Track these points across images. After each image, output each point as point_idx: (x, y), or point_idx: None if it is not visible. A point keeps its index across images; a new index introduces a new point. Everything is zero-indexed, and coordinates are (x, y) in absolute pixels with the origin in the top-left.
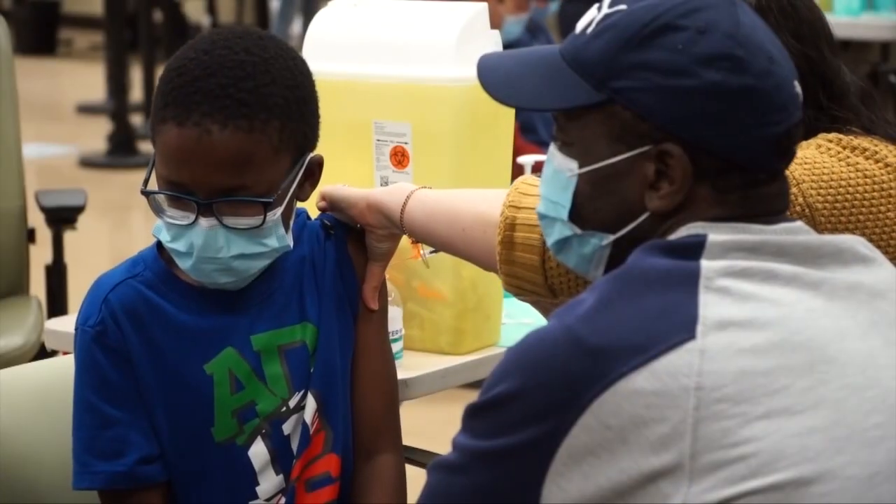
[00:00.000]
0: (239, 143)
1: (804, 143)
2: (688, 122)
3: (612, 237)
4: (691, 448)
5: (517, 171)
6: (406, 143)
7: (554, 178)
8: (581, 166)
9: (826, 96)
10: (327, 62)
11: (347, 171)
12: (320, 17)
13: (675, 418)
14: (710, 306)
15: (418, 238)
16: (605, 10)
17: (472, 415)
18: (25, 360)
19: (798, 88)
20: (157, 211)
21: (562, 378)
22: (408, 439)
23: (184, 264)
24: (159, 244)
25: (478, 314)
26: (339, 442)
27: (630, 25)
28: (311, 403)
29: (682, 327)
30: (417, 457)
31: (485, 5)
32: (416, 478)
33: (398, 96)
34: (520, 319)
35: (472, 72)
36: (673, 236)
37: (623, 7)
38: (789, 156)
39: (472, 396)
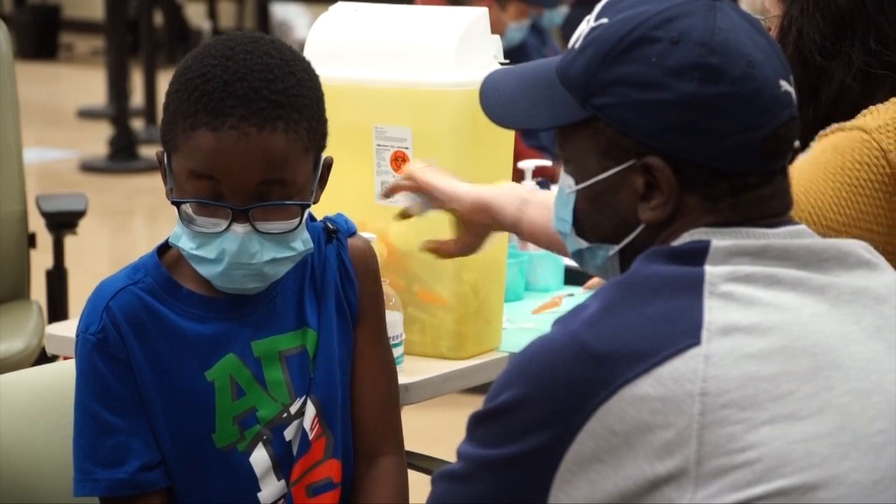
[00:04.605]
0: (276, 144)
1: (881, 107)
2: (665, 134)
3: (615, 248)
4: (697, 453)
5: (517, 175)
6: (407, 147)
7: (560, 194)
8: (577, 183)
9: (876, 40)
10: (328, 67)
11: (348, 176)
12: (321, 22)
13: (681, 424)
14: (714, 311)
15: (534, 240)
16: (592, 23)
17: (477, 423)
18: (26, 365)
19: (786, 87)
20: (188, 221)
21: (567, 384)
22: (408, 444)
23: (209, 271)
24: (160, 250)
25: (478, 319)
26: (340, 447)
27: (608, 40)
28: (310, 409)
29: (686, 333)
30: (418, 461)
31: (485, 10)
32: (416, 482)
33: (399, 101)
34: (520, 324)
35: (473, 76)
36: (676, 242)
37: (605, 20)
38: (780, 156)
39: (473, 401)
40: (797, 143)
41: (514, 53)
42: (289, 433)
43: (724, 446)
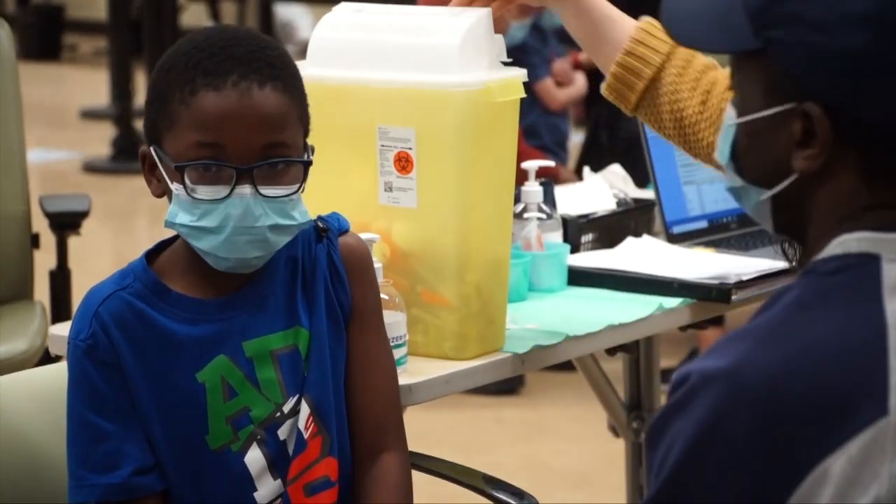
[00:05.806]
0: (277, 101)
1: None
2: (828, 84)
3: (767, 193)
4: None
5: (521, 176)
6: (410, 148)
7: (724, 125)
8: (739, 116)
9: None
10: (331, 67)
11: (351, 177)
12: (324, 23)
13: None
14: None
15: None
16: None
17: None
18: (29, 366)
19: None
20: (190, 191)
21: (754, 472)
22: (412, 444)
23: (211, 242)
24: (148, 256)
25: (482, 319)
26: (336, 445)
27: None
28: (304, 408)
29: (872, 401)
30: (421, 462)
31: (489, 10)
32: (420, 483)
33: (402, 101)
34: (524, 325)
35: (476, 77)
36: (838, 248)
37: None
38: None
39: (476, 402)
40: None
41: (514, 52)
42: (283, 432)
43: None
